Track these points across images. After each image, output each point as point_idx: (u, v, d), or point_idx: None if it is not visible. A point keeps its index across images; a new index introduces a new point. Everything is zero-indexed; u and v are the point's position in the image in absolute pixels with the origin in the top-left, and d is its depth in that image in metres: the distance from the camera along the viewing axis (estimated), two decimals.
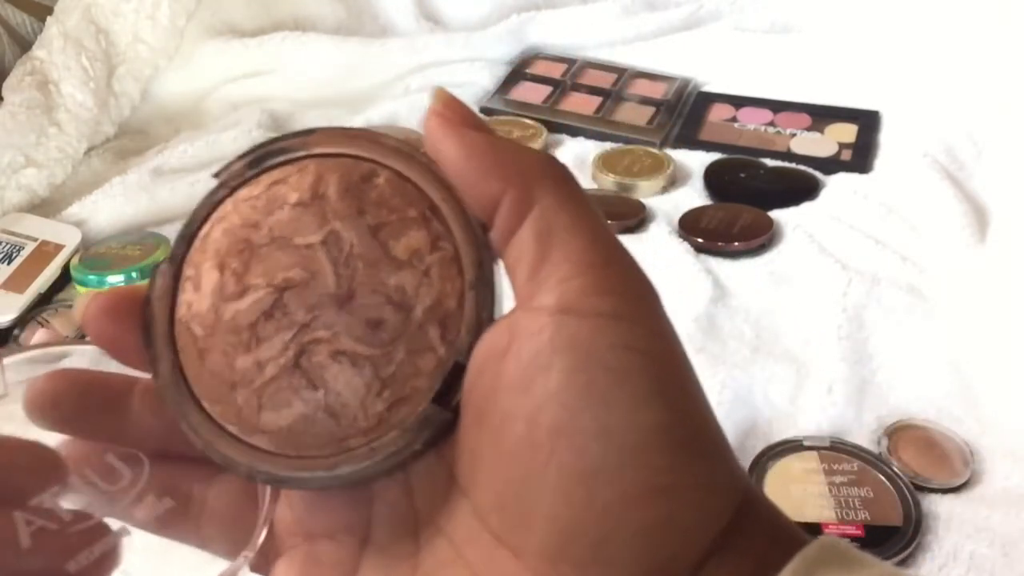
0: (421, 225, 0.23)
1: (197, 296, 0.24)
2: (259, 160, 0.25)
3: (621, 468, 0.21)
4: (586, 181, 0.80)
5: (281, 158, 0.25)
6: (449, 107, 0.23)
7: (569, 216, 0.22)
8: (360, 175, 0.24)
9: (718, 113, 0.89)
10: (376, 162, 0.24)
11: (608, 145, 0.84)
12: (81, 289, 0.65)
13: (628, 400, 0.21)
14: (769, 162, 0.81)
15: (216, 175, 0.25)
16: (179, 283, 0.24)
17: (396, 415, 0.23)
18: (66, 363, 0.56)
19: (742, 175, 0.79)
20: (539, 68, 0.96)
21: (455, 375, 0.23)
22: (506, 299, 0.24)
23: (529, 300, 0.22)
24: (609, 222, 0.74)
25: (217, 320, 0.23)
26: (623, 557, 0.21)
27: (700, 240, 0.69)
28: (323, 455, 0.23)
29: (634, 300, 0.22)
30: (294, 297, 0.23)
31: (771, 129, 0.86)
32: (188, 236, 0.25)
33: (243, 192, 0.25)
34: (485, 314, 0.23)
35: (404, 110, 0.88)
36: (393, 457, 0.23)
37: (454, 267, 0.23)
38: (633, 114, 0.89)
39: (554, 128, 0.87)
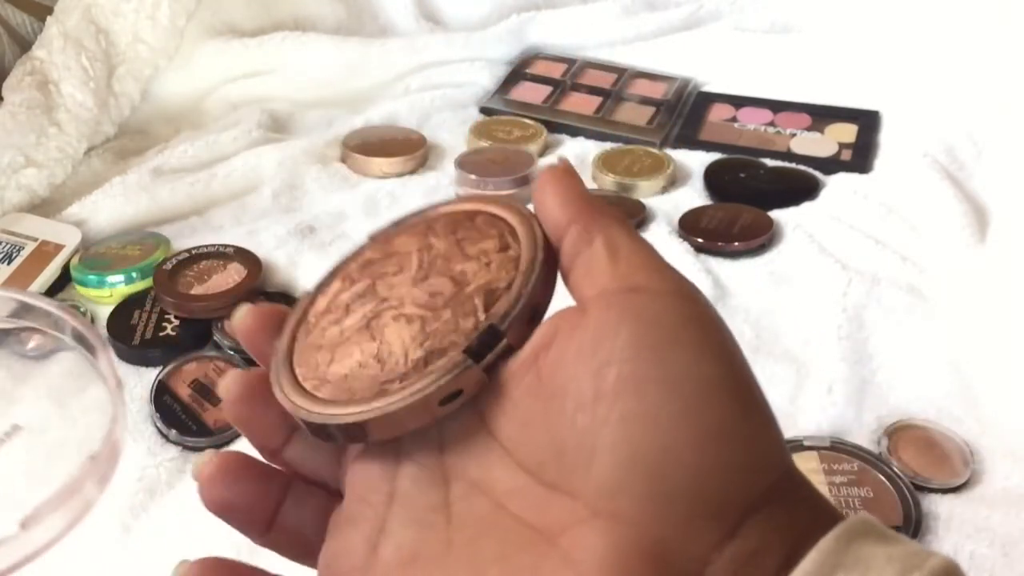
0: (496, 238, 0.28)
1: (323, 299, 0.29)
2: (402, 220, 0.30)
3: (682, 412, 0.23)
4: (586, 181, 0.79)
5: (418, 216, 0.30)
6: (565, 165, 0.29)
7: (631, 240, 0.26)
8: (465, 214, 0.29)
9: (718, 113, 0.89)
10: (482, 210, 0.29)
11: (608, 145, 0.84)
12: (81, 289, 0.65)
13: (690, 356, 0.24)
14: (769, 162, 0.81)
15: (370, 235, 0.30)
16: (315, 297, 0.29)
17: (431, 363, 0.25)
18: (62, 356, 0.55)
19: (742, 175, 0.79)
20: (539, 68, 0.96)
21: (490, 335, 0.25)
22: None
23: (598, 290, 0.25)
24: None
25: (328, 309, 0.28)
26: (680, 492, 0.22)
27: (700, 240, 0.69)
28: (365, 397, 0.26)
29: (691, 288, 0.25)
30: (384, 283, 0.28)
31: (771, 129, 0.86)
32: (335, 270, 0.30)
33: (381, 238, 0.30)
34: (527, 289, 0.26)
35: (404, 110, 0.88)
36: (419, 395, 0.25)
37: (513, 264, 0.27)
38: (633, 114, 0.89)
39: (554, 128, 0.87)
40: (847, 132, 0.84)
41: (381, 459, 0.27)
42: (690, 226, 0.71)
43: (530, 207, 0.29)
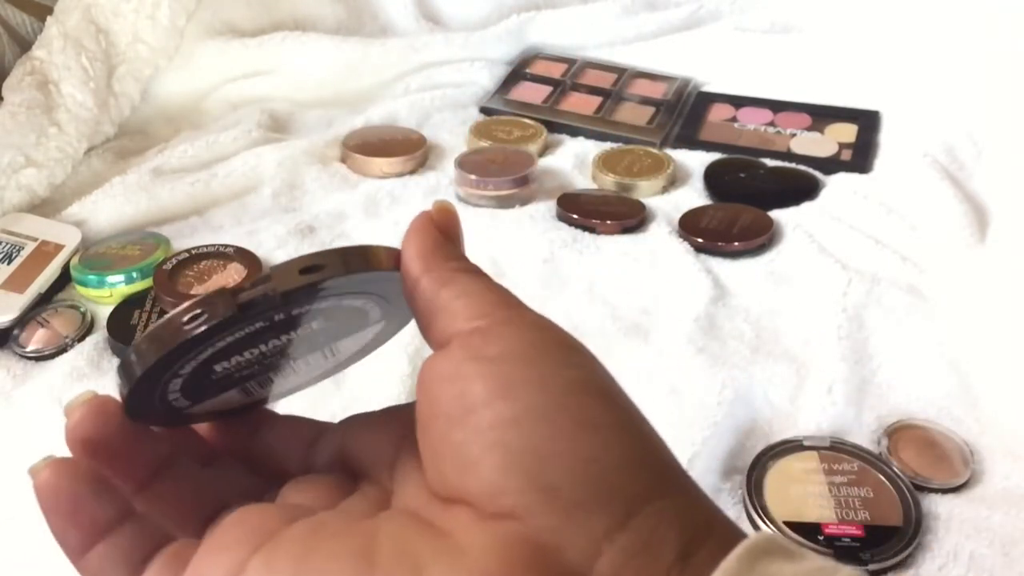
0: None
1: None
2: None
3: (553, 408, 0.23)
4: (586, 181, 0.80)
5: None
6: (439, 214, 0.29)
7: (481, 283, 0.27)
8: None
9: (718, 113, 0.89)
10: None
11: (608, 145, 0.84)
12: (81, 289, 0.65)
13: (552, 360, 0.24)
14: (769, 162, 0.81)
15: None
16: None
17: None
18: (65, 358, 0.56)
19: (742, 175, 0.79)
20: (539, 68, 0.96)
21: (259, 280, 0.26)
22: None
23: (456, 330, 0.26)
24: (608, 222, 0.74)
25: None
26: (560, 483, 0.22)
27: (700, 240, 0.69)
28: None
29: (546, 319, 0.26)
30: None
31: (771, 129, 0.86)
32: None
33: None
34: (310, 255, 0.26)
35: (404, 110, 0.88)
36: (171, 312, 0.26)
37: None
38: (633, 114, 0.89)
39: (554, 128, 0.87)
40: (847, 132, 0.84)
41: (333, 485, 0.28)
42: (690, 226, 0.71)
43: None
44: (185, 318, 0.25)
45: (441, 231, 0.28)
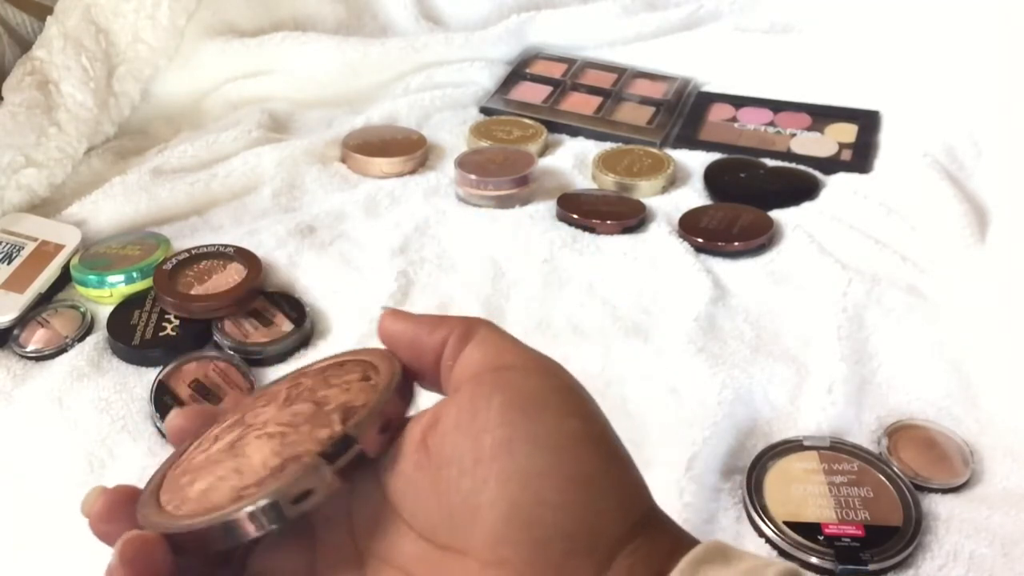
0: (359, 372, 0.30)
1: (198, 440, 0.31)
2: (282, 376, 0.33)
3: (550, 465, 0.26)
4: (586, 181, 0.80)
5: (296, 370, 0.33)
6: (396, 311, 0.31)
7: (496, 332, 0.30)
8: (337, 362, 0.31)
9: (718, 113, 0.89)
10: (351, 359, 0.31)
11: (608, 145, 0.84)
12: (81, 289, 0.65)
13: (553, 415, 0.27)
14: (769, 162, 0.81)
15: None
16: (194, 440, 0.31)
17: (286, 469, 0.26)
18: (65, 358, 0.56)
19: (742, 175, 0.79)
20: (539, 68, 0.96)
21: (343, 442, 0.27)
22: None
23: (471, 373, 0.28)
24: (608, 222, 0.74)
25: (199, 443, 0.30)
26: (554, 535, 0.25)
27: (700, 240, 0.69)
28: (221, 505, 0.26)
29: (553, 364, 0.29)
30: (252, 413, 0.30)
31: (771, 129, 0.86)
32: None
33: (261, 390, 0.33)
34: (379, 405, 0.28)
35: (404, 110, 0.88)
36: (271, 498, 0.26)
37: (372, 389, 0.29)
38: (633, 114, 0.89)
39: (554, 128, 0.87)
40: (847, 132, 0.84)
41: (296, 548, 0.29)
42: (690, 226, 0.71)
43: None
44: (294, 494, 0.26)
45: (401, 322, 0.31)
